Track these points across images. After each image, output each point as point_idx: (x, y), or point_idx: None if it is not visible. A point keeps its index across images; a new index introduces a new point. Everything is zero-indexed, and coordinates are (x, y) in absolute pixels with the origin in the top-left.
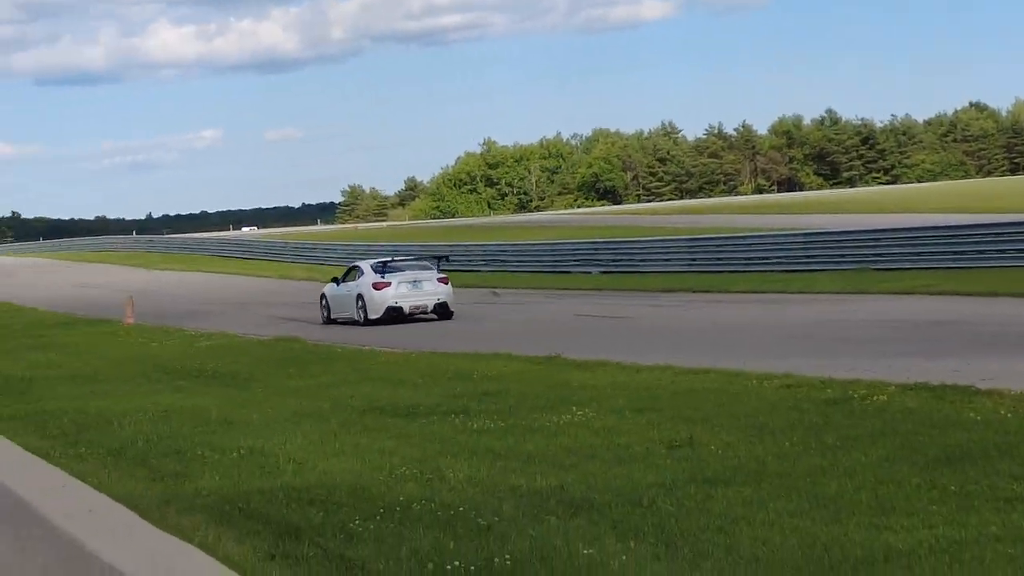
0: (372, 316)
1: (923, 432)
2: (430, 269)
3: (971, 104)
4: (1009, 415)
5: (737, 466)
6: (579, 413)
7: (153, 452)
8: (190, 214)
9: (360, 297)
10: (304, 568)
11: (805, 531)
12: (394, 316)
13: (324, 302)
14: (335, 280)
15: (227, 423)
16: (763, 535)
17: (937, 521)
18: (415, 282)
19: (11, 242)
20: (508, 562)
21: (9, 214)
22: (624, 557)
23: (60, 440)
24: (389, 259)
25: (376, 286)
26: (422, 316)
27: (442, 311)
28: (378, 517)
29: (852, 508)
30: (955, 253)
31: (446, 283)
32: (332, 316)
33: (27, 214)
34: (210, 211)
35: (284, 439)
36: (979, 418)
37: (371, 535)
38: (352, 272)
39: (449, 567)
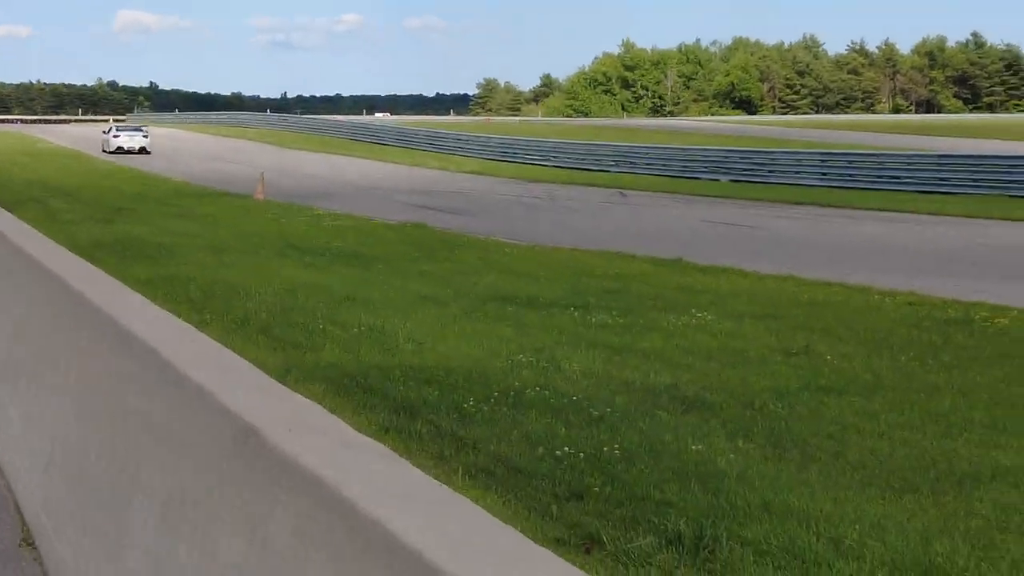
0: (109, 151)
1: None
2: (141, 130)
3: None
4: None
5: (852, 377)
6: (698, 316)
7: (276, 323)
8: (324, 96)
9: (106, 141)
10: (417, 443)
11: (915, 444)
12: (119, 151)
13: (102, 144)
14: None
15: (350, 300)
16: (872, 445)
17: None
18: (131, 136)
19: (147, 111)
20: (617, 452)
21: (147, 84)
22: (732, 455)
23: (186, 306)
24: (122, 122)
25: (114, 135)
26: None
27: (143, 151)
28: (492, 400)
29: (964, 425)
30: None
31: (147, 137)
32: (104, 150)
33: (164, 85)
34: (344, 95)
35: (405, 320)
36: None
37: (484, 417)
38: (110, 129)
39: (559, 452)
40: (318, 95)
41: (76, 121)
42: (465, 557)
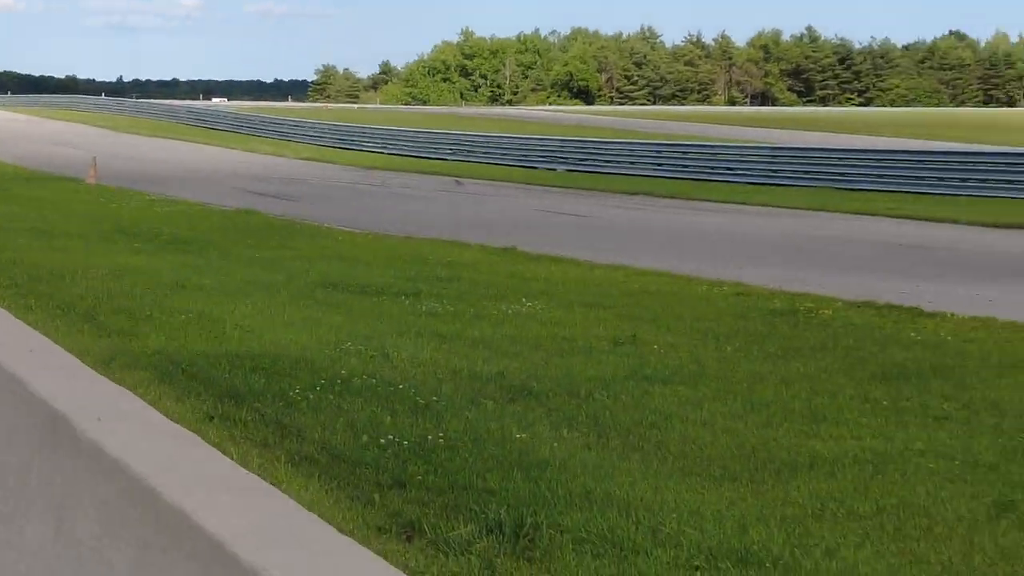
0: None
1: (864, 348)
2: None
3: (951, 32)
4: (949, 338)
5: (677, 366)
6: (529, 304)
7: (102, 309)
8: (161, 81)
9: None
10: (241, 430)
11: (736, 433)
12: None
13: None
14: None
15: (179, 287)
16: (694, 434)
17: (865, 433)
18: None
19: None
20: (441, 440)
21: None
22: (555, 444)
23: (11, 290)
24: None
25: None
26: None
27: None
28: (319, 388)
29: (785, 415)
30: (919, 179)
31: None
32: None
33: None
34: (182, 79)
35: (234, 306)
36: (920, 338)
37: (310, 405)
38: None
39: (383, 441)
40: (155, 79)
41: None
42: (268, 547)
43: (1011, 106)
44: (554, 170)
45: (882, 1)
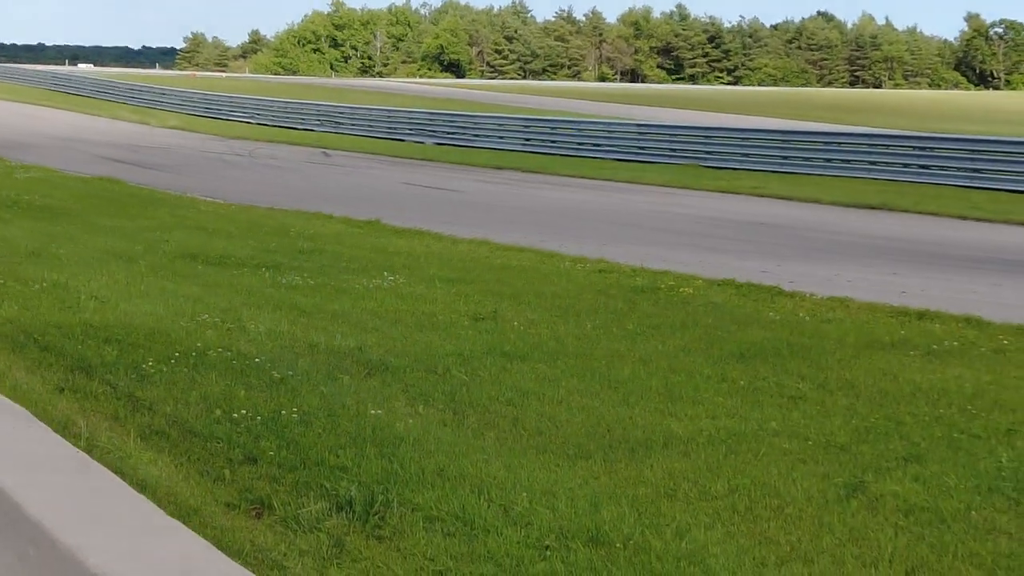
0: None
1: (723, 327)
2: None
3: (819, 13)
4: (807, 318)
5: (536, 343)
6: (390, 278)
7: None
8: (26, 45)
9: None
10: (92, 403)
11: (592, 411)
12: None
13: None
14: None
15: (35, 255)
16: (550, 411)
17: (721, 413)
18: None
19: None
20: (295, 415)
21: None
22: (411, 420)
23: None
24: None
25: None
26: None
27: None
28: (173, 361)
29: (642, 393)
30: (784, 158)
31: None
32: None
33: None
34: (48, 44)
35: (90, 277)
36: (778, 318)
37: (163, 377)
38: None
39: (236, 415)
40: (19, 43)
41: None
42: (89, 529)
43: (877, 87)
44: (422, 143)
45: None
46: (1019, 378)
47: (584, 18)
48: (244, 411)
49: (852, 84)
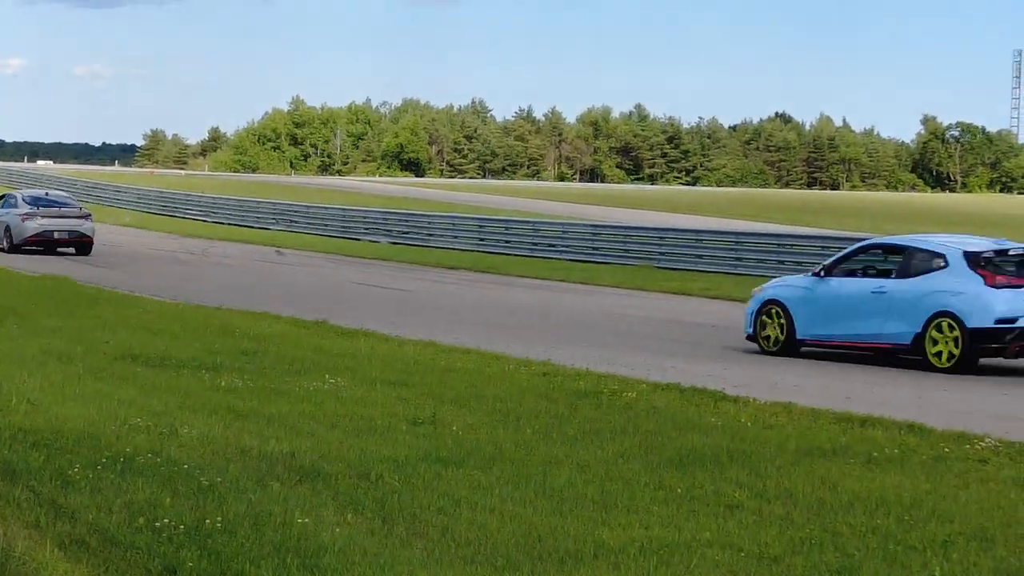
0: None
1: (664, 432)
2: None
3: (777, 115)
4: (749, 423)
5: (474, 449)
6: (331, 381)
7: None
8: None
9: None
10: (12, 510)
11: (524, 520)
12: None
13: None
14: None
15: None
16: (482, 520)
17: (655, 522)
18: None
19: None
20: (219, 524)
21: None
22: (338, 529)
23: None
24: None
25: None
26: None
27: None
28: (99, 467)
29: (576, 501)
30: (737, 260)
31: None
32: None
33: None
34: (7, 140)
35: (25, 378)
36: (720, 423)
37: (89, 484)
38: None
39: (159, 524)
40: None
41: None
42: None
43: (835, 189)
44: (378, 242)
45: (709, 82)
46: (957, 486)
47: (544, 118)
48: (168, 519)
49: (810, 185)
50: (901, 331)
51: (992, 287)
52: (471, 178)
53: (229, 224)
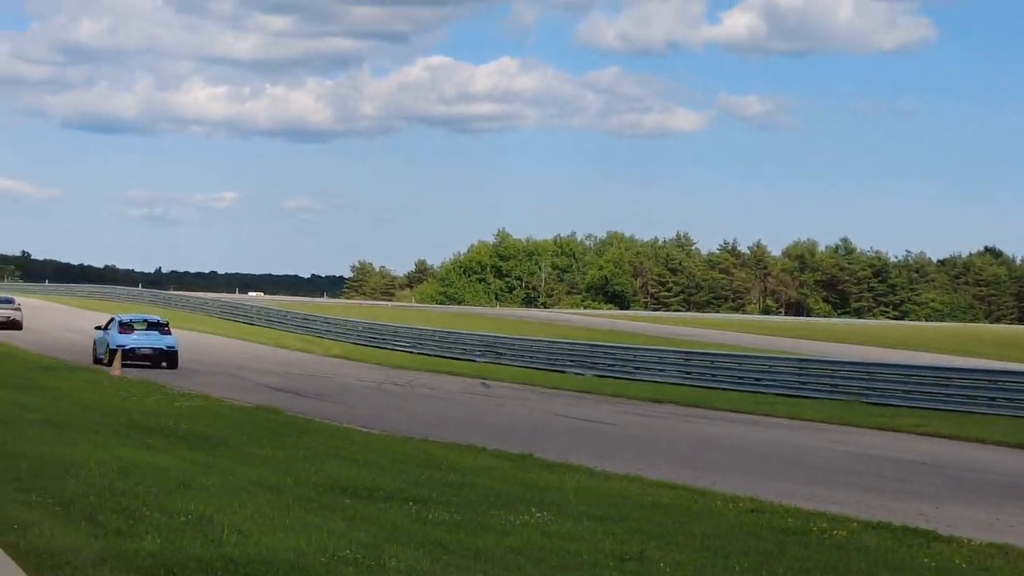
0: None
1: (875, 573)
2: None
3: (986, 249)
4: (964, 565)
5: None
6: (537, 515)
7: (103, 507)
8: (199, 273)
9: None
10: None
11: None
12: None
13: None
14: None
15: (184, 486)
16: None
17: None
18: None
19: (18, 280)
20: None
21: (19, 253)
22: None
23: (12, 485)
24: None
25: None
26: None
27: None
28: None
29: None
30: (947, 395)
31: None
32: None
33: (37, 255)
34: (220, 272)
35: (236, 509)
36: (933, 564)
37: None
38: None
39: None
40: (192, 271)
41: None
42: None
43: None
44: (582, 375)
45: (917, 216)
46: None
47: (748, 251)
48: None
49: (1020, 320)
50: None
51: None
52: (675, 311)
53: (434, 355)
